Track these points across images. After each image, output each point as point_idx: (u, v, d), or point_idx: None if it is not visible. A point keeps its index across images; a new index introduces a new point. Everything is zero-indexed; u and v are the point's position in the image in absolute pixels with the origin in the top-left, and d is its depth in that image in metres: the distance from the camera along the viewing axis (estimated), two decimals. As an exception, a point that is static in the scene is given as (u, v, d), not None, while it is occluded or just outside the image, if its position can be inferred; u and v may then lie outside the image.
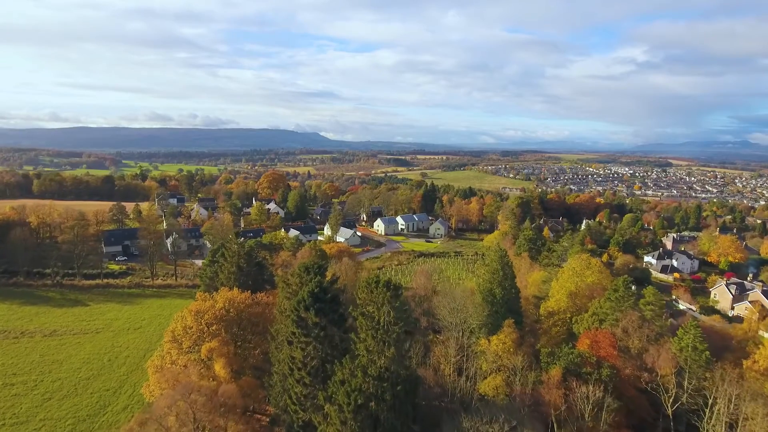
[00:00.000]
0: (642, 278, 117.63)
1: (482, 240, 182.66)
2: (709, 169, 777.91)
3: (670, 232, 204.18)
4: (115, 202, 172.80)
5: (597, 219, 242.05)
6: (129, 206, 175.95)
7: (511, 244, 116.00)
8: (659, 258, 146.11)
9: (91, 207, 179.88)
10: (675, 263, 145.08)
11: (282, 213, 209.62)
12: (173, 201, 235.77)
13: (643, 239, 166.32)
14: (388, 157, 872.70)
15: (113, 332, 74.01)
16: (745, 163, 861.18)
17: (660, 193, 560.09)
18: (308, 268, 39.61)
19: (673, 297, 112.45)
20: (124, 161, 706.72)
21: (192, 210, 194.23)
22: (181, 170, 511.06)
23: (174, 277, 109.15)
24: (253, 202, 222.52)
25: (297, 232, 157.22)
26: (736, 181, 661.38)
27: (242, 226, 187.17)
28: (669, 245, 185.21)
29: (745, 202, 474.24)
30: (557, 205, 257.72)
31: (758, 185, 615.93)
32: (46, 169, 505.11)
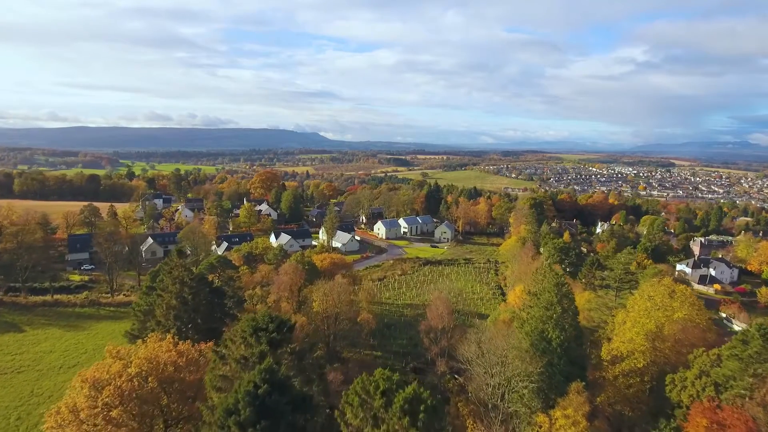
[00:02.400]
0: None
1: (493, 245, 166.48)
2: (713, 169, 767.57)
3: (696, 236, 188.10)
4: (87, 203, 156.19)
5: (612, 221, 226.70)
6: (104, 207, 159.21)
7: (534, 253, 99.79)
8: (695, 266, 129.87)
9: (68, 208, 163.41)
10: (713, 272, 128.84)
11: (275, 215, 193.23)
12: (159, 202, 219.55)
13: (672, 244, 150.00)
14: (388, 156, 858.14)
15: (39, 372, 57.70)
16: (747, 164, 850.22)
17: (665, 194, 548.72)
18: (258, 329, 23.19)
19: (724, 315, 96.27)
20: (121, 161, 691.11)
21: (176, 211, 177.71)
22: (177, 170, 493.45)
23: (138, 293, 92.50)
24: (244, 202, 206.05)
25: (288, 237, 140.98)
26: (742, 181, 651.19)
27: (230, 229, 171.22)
28: (696, 250, 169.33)
29: (753, 202, 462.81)
30: (569, 206, 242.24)
31: (765, 186, 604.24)
32: (40, 168, 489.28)
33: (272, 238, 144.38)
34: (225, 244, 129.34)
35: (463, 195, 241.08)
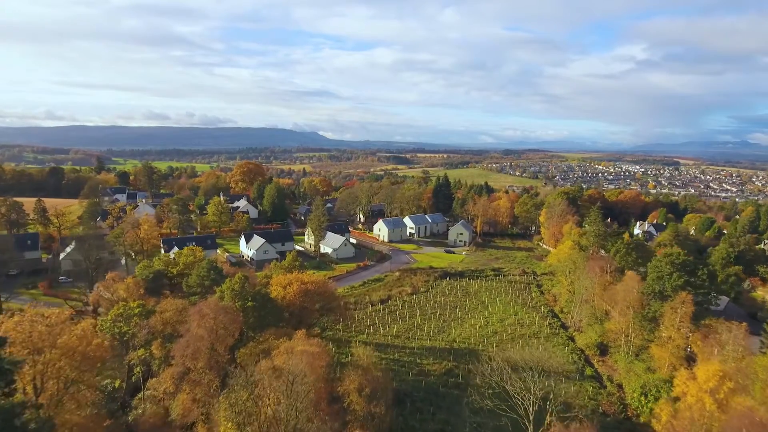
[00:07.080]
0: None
1: (520, 249, 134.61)
2: (719, 167, 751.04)
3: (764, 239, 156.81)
4: (2, 198, 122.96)
5: (649, 220, 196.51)
6: (30, 203, 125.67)
7: (611, 268, 67.97)
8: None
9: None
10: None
11: (254, 213, 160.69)
12: (122, 197, 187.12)
13: (761, 251, 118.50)
14: (388, 155, 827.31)
15: None
16: (751, 163, 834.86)
17: (677, 192, 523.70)
18: None
19: None
20: (113, 158, 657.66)
21: (126, 207, 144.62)
22: (170, 167, 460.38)
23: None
24: (220, 197, 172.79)
25: (262, 241, 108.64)
26: (753, 179, 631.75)
27: (197, 229, 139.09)
28: None
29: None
30: (597, 203, 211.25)
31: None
32: (28, 165, 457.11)
33: (242, 242, 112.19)
34: (175, 250, 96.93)
35: (473, 191, 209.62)
